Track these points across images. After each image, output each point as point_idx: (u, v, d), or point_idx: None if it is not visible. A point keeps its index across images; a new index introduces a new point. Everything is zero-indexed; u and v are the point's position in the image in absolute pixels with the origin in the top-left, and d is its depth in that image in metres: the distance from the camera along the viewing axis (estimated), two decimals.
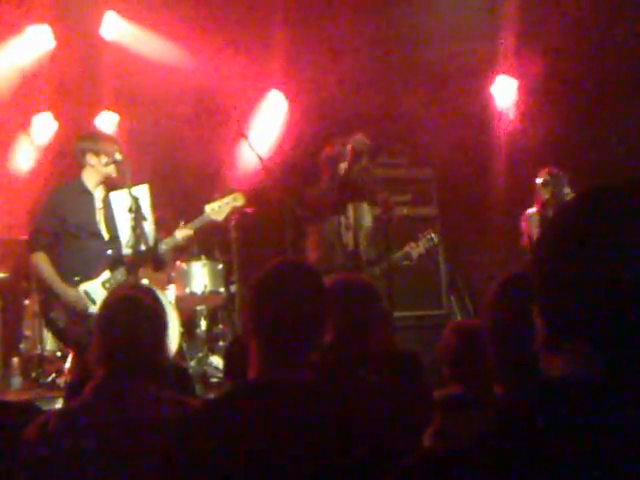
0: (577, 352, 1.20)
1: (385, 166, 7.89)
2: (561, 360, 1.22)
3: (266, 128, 8.99)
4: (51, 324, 5.69)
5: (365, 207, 6.40)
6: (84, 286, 5.60)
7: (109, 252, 5.73)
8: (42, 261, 5.61)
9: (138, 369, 2.59)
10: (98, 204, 5.77)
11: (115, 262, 5.72)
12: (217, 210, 6.00)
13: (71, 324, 5.55)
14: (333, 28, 8.25)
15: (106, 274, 5.68)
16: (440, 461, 1.20)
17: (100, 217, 5.76)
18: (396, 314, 6.36)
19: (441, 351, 3.43)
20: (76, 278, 5.59)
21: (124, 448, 2.46)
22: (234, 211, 6.19)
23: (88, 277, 5.63)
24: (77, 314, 5.53)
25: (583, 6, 7.83)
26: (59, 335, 5.77)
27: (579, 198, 1.29)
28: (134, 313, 2.66)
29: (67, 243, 5.64)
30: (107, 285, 5.62)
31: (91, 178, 5.77)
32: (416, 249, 6.41)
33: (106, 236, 5.74)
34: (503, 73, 8.72)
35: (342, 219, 6.25)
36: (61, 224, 5.62)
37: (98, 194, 5.80)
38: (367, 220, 6.39)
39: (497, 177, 8.50)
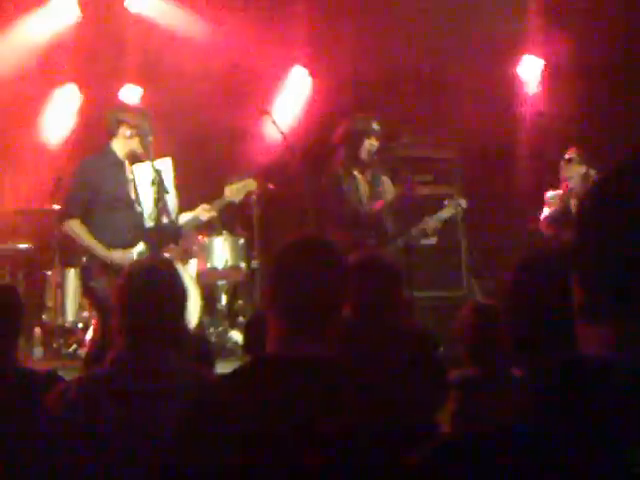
0: (618, 326, 1.16)
1: (408, 145, 7.85)
2: (599, 332, 1.18)
3: (289, 104, 8.97)
4: (90, 292, 5.65)
5: (388, 181, 6.41)
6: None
7: (144, 224, 5.70)
8: (79, 227, 5.55)
9: (158, 339, 2.60)
10: (130, 175, 5.76)
11: (149, 234, 5.69)
12: (235, 192, 6.04)
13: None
14: (358, 5, 8.20)
15: (141, 246, 5.65)
16: (469, 444, 1.18)
17: (132, 188, 5.74)
18: (415, 294, 6.37)
19: (459, 331, 3.43)
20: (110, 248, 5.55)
21: (144, 418, 2.48)
22: (249, 193, 6.25)
23: (123, 247, 5.57)
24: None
25: None
26: (97, 304, 5.69)
27: (623, 165, 1.25)
28: (155, 284, 2.67)
29: (100, 213, 5.57)
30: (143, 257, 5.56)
31: (121, 149, 5.75)
32: (437, 217, 6.44)
33: (138, 208, 5.72)
34: (529, 53, 8.63)
35: (362, 193, 6.25)
36: (95, 194, 5.56)
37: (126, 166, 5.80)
38: (389, 194, 6.39)
39: (521, 158, 8.45)
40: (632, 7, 7.72)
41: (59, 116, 8.86)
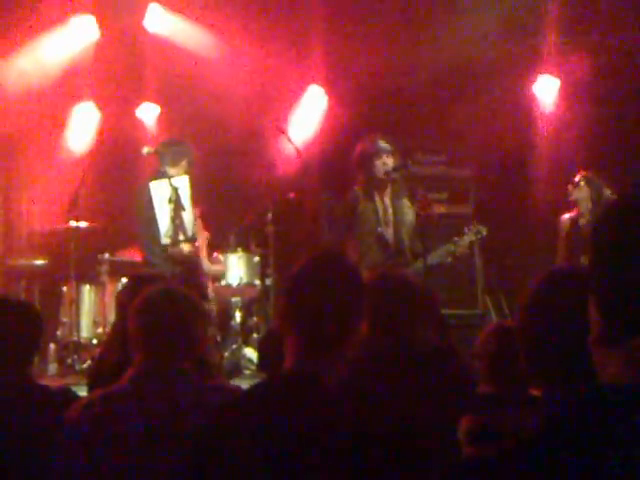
0: (636, 351, 1.15)
1: (423, 164, 7.87)
2: (617, 358, 1.17)
3: (306, 123, 9.00)
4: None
5: (406, 202, 6.39)
6: None
7: None
8: None
9: (177, 357, 2.61)
10: None
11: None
12: None
13: None
14: (373, 25, 8.23)
15: None
16: (489, 464, 1.18)
17: None
18: None
19: (479, 350, 3.41)
20: None
21: (163, 435, 2.48)
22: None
23: None
24: None
25: (626, 5, 7.74)
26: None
27: (638, 188, 1.26)
28: (174, 303, 2.68)
29: None
30: None
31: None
32: (461, 243, 6.38)
33: None
34: (545, 72, 8.64)
35: (380, 215, 6.23)
36: None
37: None
38: (409, 215, 6.36)
39: (536, 178, 8.44)
40: None
41: (77, 134, 8.92)
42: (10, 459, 2.73)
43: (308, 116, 9.02)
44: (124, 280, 6.94)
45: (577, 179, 6.87)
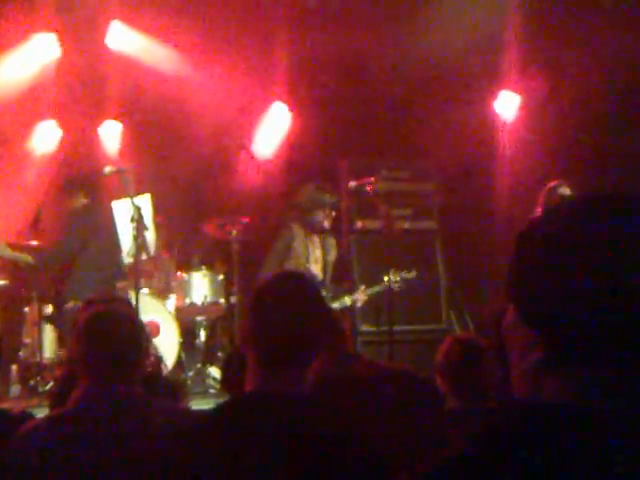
0: (572, 374, 1.12)
1: (387, 180, 7.89)
2: (552, 381, 1.14)
3: (269, 139, 9.01)
4: None
5: (332, 241, 6.63)
6: None
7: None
8: None
9: (120, 377, 2.60)
10: None
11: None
12: None
13: None
14: (336, 42, 8.27)
15: None
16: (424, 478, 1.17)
17: None
18: (395, 328, 6.39)
19: (440, 364, 3.43)
20: None
21: (114, 457, 2.46)
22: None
23: None
24: None
25: (588, 22, 7.85)
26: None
27: (568, 205, 1.20)
28: (113, 323, 2.69)
29: None
30: None
31: None
32: (368, 292, 6.83)
33: None
34: (506, 88, 8.74)
35: (310, 253, 6.59)
36: None
37: None
38: (332, 255, 6.76)
39: (498, 192, 8.51)
40: (610, 42, 7.84)
41: (38, 152, 8.85)
42: None
43: (272, 133, 9.03)
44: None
45: (569, 193, 6.74)
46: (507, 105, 8.82)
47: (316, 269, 6.53)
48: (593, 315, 1.09)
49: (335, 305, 6.53)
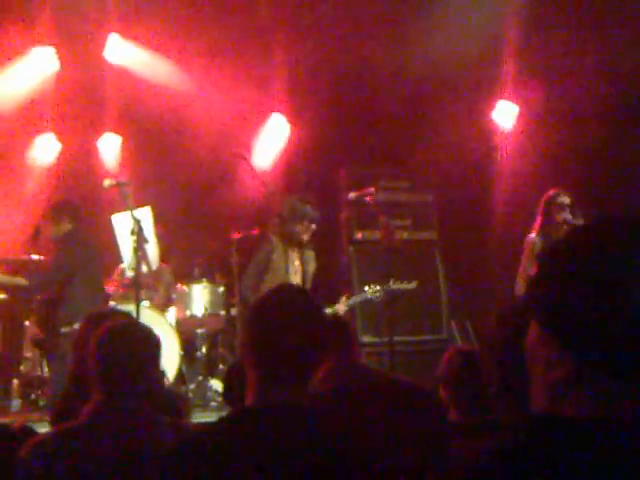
0: (602, 388, 1.14)
1: (386, 190, 7.91)
2: (581, 395, 1.16)
3: (268, 150, 9.03)
4: None
5: (311, 253, 6.62)
6: None
7: None
8: None
9: (133, 392, 2.60)
10: None
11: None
12: None
13: None
14: (333, 54, 8.30)
15: None
16: None
17: None
18: (396, 338, 6.39)
19: (442, 375, 3.42)
20: None
21: (121, 473, 2.45)
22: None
23: None
24: None
25: (584, 33, 7.88)
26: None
27: (591, 228, 1.22)
28: (129, 337, 2.68)
29: None
30: None
31: None
32: (348, 303, 6.80)
33: None
34: (504, 98, 8.76)
35: (289, 265, 6.55)
36: None
37: None
38: (312, 266, 6.73)
39: (497, 202, 8.52)
40: (607, 52, 7.86)
41: (38, 165, 8.86)
42: None
43: (271, 144, 9.05)
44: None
45: (569, 201, 6.71)
46: (505, 115, 8.84)
47: (295, 280, 6.52)
48: (624, 330, 1.12)
49: None
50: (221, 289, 7.62)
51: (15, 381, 7.33)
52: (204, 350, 7.55)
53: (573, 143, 8.12)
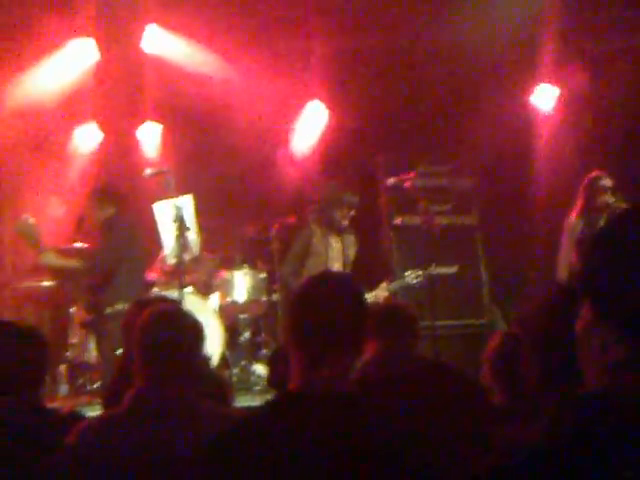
0: None
1: (425, 175, 7.88)
2: (638, 377, 1.17)
3: (306, 137, 9.04)
4: None
5: (351, 239, 6.60)
6: None
7: None
8: None
9: (177, 377, 2.61)
10: None
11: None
12: None
13: None
14: (373, 39, 8.28)
15: None
16: (503, 474, 1.19)
17: None
18: (438, 323, 6.39)
19: (487, 359, 3.42)
20: None
21: (164, 459, 2.46)
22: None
23: None
24: None
25: (626, 15, 7.77)
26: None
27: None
28: (173, 322, 2.69)
29: None
30: None
31: None
32: (389, 288, 6.79)
33: None
34: (544, 81, 8.67)
35: (330, 251, 6.57)
36: None
37: None
38: (352, 250, 6.73)
39: (538, 186, 8.45)
40: None
41: (80, 155, 8.97)
42: None
43: (309, 131, 9.05)
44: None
45: (611, 184, 6.64)
46: (545, 98, 8.75)
47: (336, 265, 6.54)
48: None
49: None
50: (262, 275, 7.68)
51: (62, 367, 7.46)
52: (247, 335, 7.63)
53: (615, 125, 8.02)
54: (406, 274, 6.74)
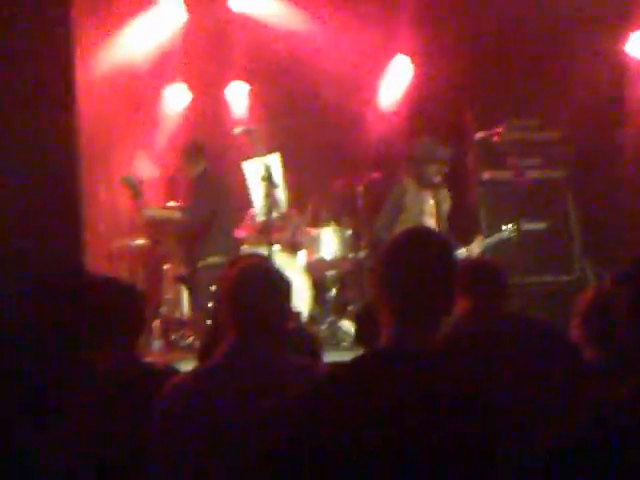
0: None
1: (514, 129, 7.75)
2: None
3: (393, 93, 8.98)
4: None
5: (445, 192, 6.52)
6: None
7: None
8: None
9: (268, 332, 2.64)
10: None
11: None
12: None
13: None
14: None
15: None
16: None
17: None
18: (528, 279, 6.33)
19: (579, 314, 3.38)
20: None
21: (252, 412, 2.50)
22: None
23: None
24: None
25: None
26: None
27: None
28: (263, 278, 2.72)
29: None
30: None
31: None
32: (485, 244, 6.73)
33: None
34: (638, 29, 8.36)
35: (424, 206, 6.56)
36: None
37: None
38: (446, 205, 6.70)
39: (630, 138, 8.20)
40: None
41: (169, 115, 9.11)
42: (120, 436, 2.83)
43: (396, 86, 8.98)
44: None
45: None
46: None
47: (429, 221, 6.50)
48: None
49: None
50: (349, 232, 7.70)
51: (156, 322, 7.65)
52: (334, 292, 7.68)
53: None
54: (503, 228, 6.65)
